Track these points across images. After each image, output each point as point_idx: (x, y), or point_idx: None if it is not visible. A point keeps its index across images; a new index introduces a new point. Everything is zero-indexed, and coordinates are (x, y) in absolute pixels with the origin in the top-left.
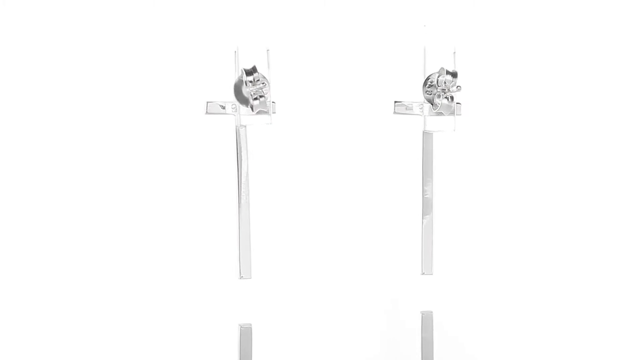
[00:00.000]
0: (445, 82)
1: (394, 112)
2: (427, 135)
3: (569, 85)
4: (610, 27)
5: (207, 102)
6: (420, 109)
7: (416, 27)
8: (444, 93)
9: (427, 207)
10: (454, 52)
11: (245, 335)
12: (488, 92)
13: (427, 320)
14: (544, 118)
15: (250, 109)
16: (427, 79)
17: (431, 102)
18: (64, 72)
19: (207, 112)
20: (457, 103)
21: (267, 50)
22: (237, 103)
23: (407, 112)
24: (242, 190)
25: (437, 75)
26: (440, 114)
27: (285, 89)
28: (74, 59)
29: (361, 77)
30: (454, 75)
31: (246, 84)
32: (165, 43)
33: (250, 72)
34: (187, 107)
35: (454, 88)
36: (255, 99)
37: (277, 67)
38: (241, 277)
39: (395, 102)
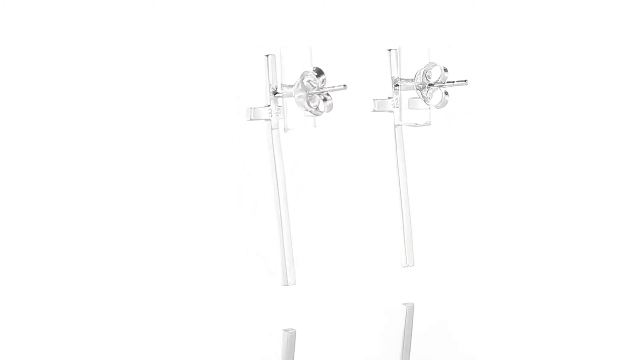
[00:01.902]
0: (440, 77)
1: (373, 110)
2: (399, 129)
3: (541, 79)
4: (588, 23)
5: (251, 109)
6: (393, 105)
7: (385, 29)
8: (440, 87)
9: (404, 199)
10: (429, 50)
11: (290, 340)
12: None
13: (409, 312)
14: (516, 109)
15: (310, 111)
16: (416, 75)
17: (423, 97)
18: (90, 74)
19: (251, 119)
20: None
21: (310, 49)
22: (274, 106)
23: (382, 109)
24: (280, 195)
25: (424, 70)
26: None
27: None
28: (99, 62)
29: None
30: (446, 70)
31: (312, 85)
32: (196, 49)
33: (321, 72)
34: (221, 113)
35: (453, 82)
36: (324, 99)
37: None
38: (287, 284)
39: (375, 99)
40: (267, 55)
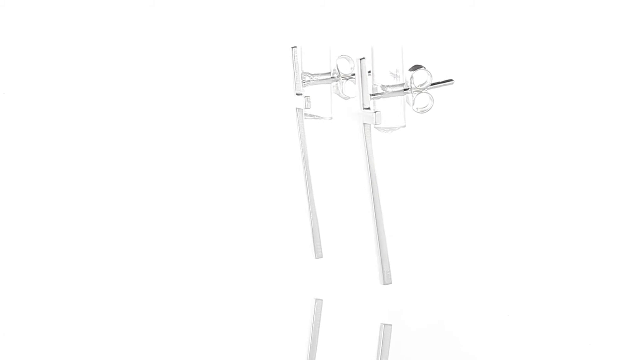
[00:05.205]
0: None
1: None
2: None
3: (540, 80)
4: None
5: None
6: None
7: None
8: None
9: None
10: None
11: (387, 332)
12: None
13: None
14: (512, 109)
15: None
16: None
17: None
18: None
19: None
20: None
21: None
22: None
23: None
24: (374, 194)
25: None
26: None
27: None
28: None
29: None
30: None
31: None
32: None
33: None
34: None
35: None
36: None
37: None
38: (386, 283)
39: None
40: (361, 59)
